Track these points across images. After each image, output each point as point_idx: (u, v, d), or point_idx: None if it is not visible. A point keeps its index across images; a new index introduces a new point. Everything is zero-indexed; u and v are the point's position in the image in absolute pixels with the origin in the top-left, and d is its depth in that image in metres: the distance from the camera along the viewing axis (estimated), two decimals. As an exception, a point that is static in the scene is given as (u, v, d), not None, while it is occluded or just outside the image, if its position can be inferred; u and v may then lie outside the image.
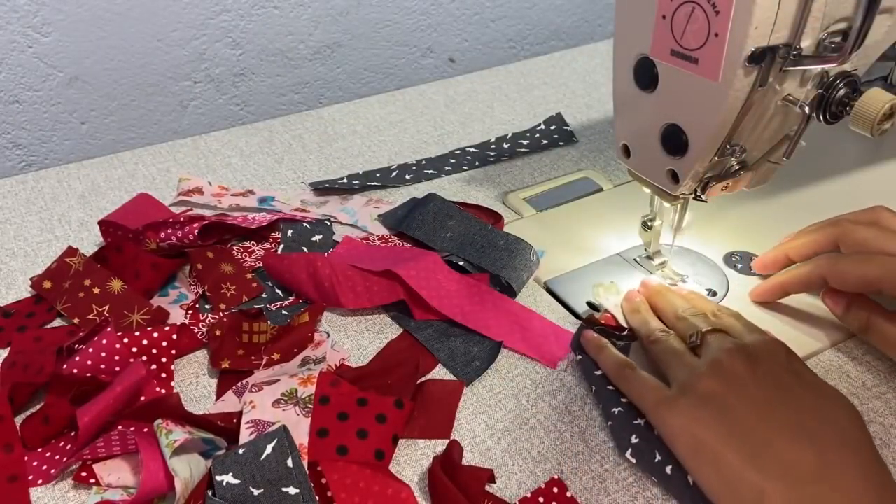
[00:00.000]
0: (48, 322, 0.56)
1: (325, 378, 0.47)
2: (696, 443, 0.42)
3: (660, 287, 0.56)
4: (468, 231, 0.61)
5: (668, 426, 0.44)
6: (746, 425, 0.41)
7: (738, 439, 0.41)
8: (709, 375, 0.44)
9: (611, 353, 0.50)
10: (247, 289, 0.58)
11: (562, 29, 1.13)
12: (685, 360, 0.47)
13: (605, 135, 0.80)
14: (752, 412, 0.42)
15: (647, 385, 0.46)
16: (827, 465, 0.39)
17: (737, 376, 0.44)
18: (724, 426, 0.42)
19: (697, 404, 0.43)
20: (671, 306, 0.53)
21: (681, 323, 0.51)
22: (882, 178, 0.71)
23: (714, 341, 0.47)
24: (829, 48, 0.44)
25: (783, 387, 0.43)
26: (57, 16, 0.81)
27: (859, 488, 0.38)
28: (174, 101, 0.92)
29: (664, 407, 0.44)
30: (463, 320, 0.54)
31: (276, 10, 0.92)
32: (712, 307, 0.52)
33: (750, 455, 0.40)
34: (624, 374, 0.48)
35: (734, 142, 0.48)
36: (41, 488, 0.44)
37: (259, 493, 0.40)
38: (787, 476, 0.39)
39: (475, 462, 0.46)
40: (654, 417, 0.45)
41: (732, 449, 0.40)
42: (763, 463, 0.40)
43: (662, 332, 0.50)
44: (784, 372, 0.44)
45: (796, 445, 0.40)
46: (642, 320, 0.53)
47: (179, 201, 0.68)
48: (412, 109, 0.85)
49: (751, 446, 0.40)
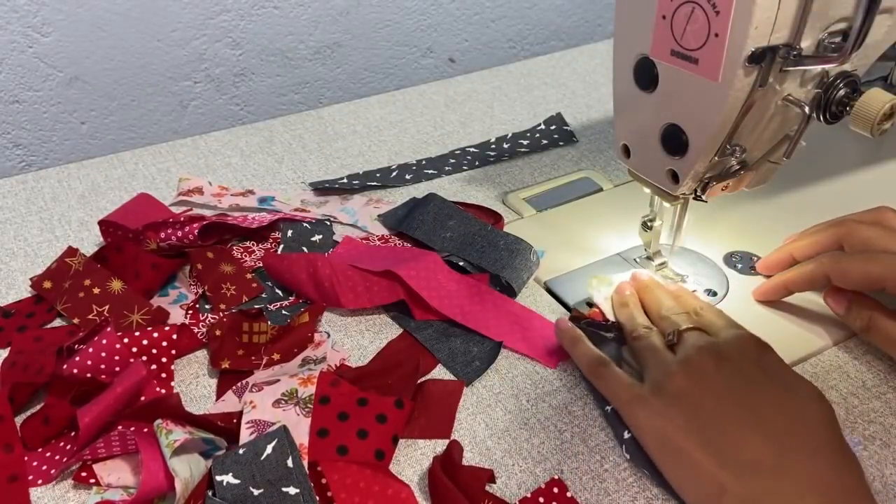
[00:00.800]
0: (48, 322, 0.56)
1: (325, 378, 0.47)
2: (663, 438, 0.43)
3: (649, 282, 0.56)
4: (468, 231, 0.61)
5: (638, 422, 0.45)
6: (711, 420, 0.42)
7: (701, 434, 0.42)
8: (679, 373, 0.45)
9: (585, 348, 0.50)
10: (247, 289, 0.58)
11: (562, 29, 1.13)
12: (660, 357, 0.48)
13: (605, 135, 0.80)
14: (717, 408, 0.43)
15: (620, 382, 0.47)
16: (786, 460, 0.40)
17: (705, 373, 0.45)
18: (690, 422, 0.43)
19: (667, 401, 0.44)
20: (657, 303, 0.53)
21: (663, 322, 0.51)
22: (882, 178, 0.71)
23: (689, 339, 0.48)
24: (829, 48, 0.44)
25: (751, 383, 0.44)
26: (57, 16, 0.81)
27: (818, 484, 0.39)
28: (174, 101, 0.92)
29: (635, 403, 0.45)
30: (463, 320, 0.54)
31: (276, 10, 0.92)
32: (697, 305, 0.53)
33: (712, 450, 0.41)
34: (597, 370, 0.49)
35: (734, 142, 0.48)
36: (41, 488, 0.44)
37: (259, 493, 0.40)
38: (747, 470, 0.40)
39: (475, 462, 0.46)
40: (626, 414, 0.46)
41: (696, 444, 0.41)
42: (724, 457, 0.40)
43: (645, 328, 0.51)
44: (753, 368, 0.45)
45: (758, 440, 0.41)
46: (629, 315, 0.53)
47: (179, 201, 0.68)
48: (412, 109, 0.85)
49: (714, 441, 0.41)
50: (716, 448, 0.41)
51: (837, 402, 0.49)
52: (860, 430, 0.47)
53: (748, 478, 0.39)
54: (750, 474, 0.39)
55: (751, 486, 0.39)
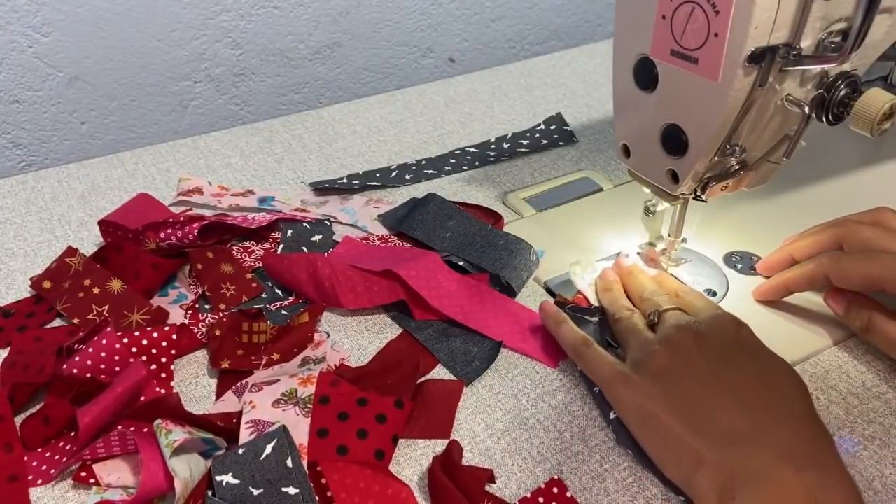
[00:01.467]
0: (48, 322, 0.56)
1: (325, 378, 0.47)
2: (645, 414, 0.44)
3: (632, 268, 0.56)
4: (468, 231, 0.61)
5: (620, 400, 0.46)
6: (690, 395, 0.43)
7: (681, 409, 0.43)
8: (660, 351, 0.46)
9: (569, 329, 0.51)
10: (246, 289, 0.58)
11: (562, 29, 1.13)
12: (641, 336, 0.48)
13: (605, 135, 0.80)
14: (695, 383, 0.44)
15: (603, 361, 0.48)
16: (761, 430, 0.41)
17: (684, 350, 0.45)
18: (670, 397, 0.43)
19: (648, 379, 0.45)
20: (639, 287, 0.54)
21: (644, 303, 0.52)
22: (882, 178, 0.71)
23: (669, 318, 0.49)
24: (829, 48, 0.44)
25: (728, 359, 0.45)
26: (57, 16, 0.81)
27: (791, 452, 0.39)
28: (174, 101, 0.92)
29: (617, 382, 0.46)
30: (463, 320, 0.54)
31: (276, 10, 0.92)
32: (678, 287, 0.54)
33: (691, 423, 0.42)
34: (580, 350, 0.49)
35: (734, 142, 0.48)
36: (41, 488, 0.44)
37: (259, 493, 0.40)
38: (722, 440, 0.41)
39: (475, 462, 0.46)
40: (608, 392, 0.47)
41: (676, 418, 0.42)
42: (702, 430, 0.41)
43: (628, 310, 0.52)
44: (730, 345, 0.46)
45: (734, 412, 0.42)
46: (612, 299, 0.54)
47: (179, 201, 0.68)
48: (412, 109, 0.85)
49: (693, 415, 0.42)
50: (694, 421, 0.42)
51: (837, 402, 0.49)
52: (860, 430, 0.47)
53: (724, 447, 0.40)
54: (726, 444, 0.40)
55: (727, 455, 0.40)
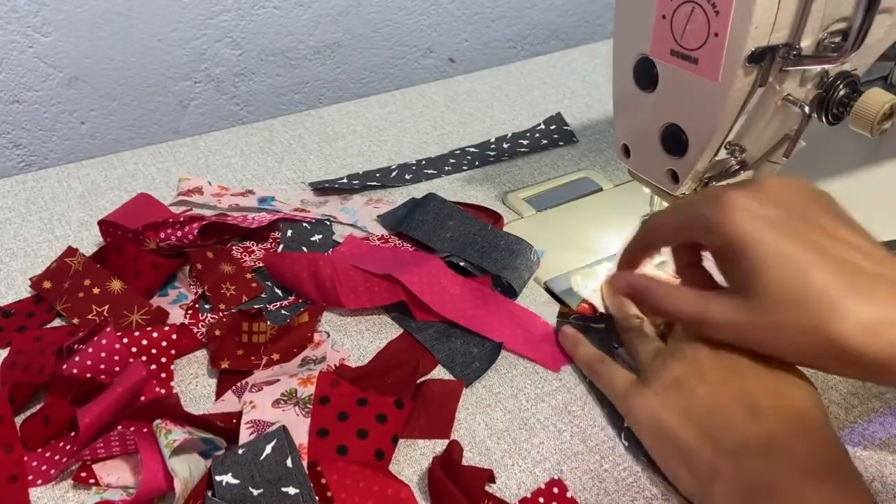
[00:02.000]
0: (48, 322, 0.56)
1: (324, 378, 0.47)
2: (659, 426, 0.43)
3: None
4: (468, 231, 0.61)
5: (633, 413, 0.45)
6: (703, 406, 0.42)
7: (694, 420, 0.42)
8: (672, 361, 0.45)
9: (585, 350, 0.51)
10: (246, 289, 0.58)
11: (562, 29, 1.13)
12: (651, 346, 0.48)
13: (605, 135, 0.80)
14: (709, 394, 0.43)
15: (616, 375, 0.47)
16: (775, 441, 0.40)
17: (697, 360, 0.45)
18: (684, 408, 0.43)
19: (661, 390, 0.44)
20: None
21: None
22: (882, 178, 0.71)
23: (680, 327, 0.48)
24: (829, 48, 0.44)
25: (742, 369, 0.44)
26: (57, 16, 0.81)
27: (805, 461, 0.39)
28: (174, 101, 0.92)
29: (630, 394, 0.45)
30: (466, 324, 0.54)
31: (276, 10, 0.92)
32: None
33: (705, 434, 0.41)
34: (595, 367, 0.49)
35: (734, 142, 0.48)
36: (41, 488, 0.44)
37: (259, 493, 0.40)
38: (737, 452, 0.40)
39: (475, 462, 0.46)
40: (622, 405, 0.46)
41: (690, 430, 0.42)
42: (717, 441, 0.41)
43: (637, 318, 0.51)
44: (743, 355, 0.45)
45: (748, 423, 0.41)
46: (620, 305, 0.53)
47: (179, 201, 0.68)
48: (412, 109, 0.85)
49: (706, 426, 0.42)
50: (709, 433, 0.41)
51: (837, 402, 0.49)
52: (860, 431, 0.47)
53: (740, 460, 0.40)
54: (740, 455, 0.40)
55: (742, 468, 0.39)
